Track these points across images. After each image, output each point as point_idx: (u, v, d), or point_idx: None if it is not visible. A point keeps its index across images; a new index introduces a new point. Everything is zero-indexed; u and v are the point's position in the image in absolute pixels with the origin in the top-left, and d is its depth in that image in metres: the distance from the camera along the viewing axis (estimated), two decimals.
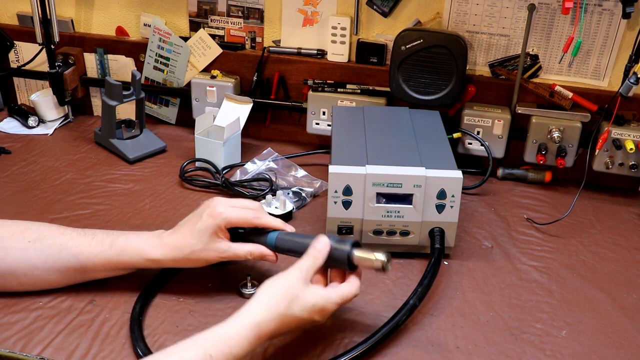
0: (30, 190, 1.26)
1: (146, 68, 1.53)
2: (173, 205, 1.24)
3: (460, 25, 1.35)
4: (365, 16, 1.39)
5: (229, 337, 0.77)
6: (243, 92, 1.50)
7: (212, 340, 0.76)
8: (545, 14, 1.30)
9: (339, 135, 1.18)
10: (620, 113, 1.28)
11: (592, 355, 0.91)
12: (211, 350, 0.75)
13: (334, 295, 0.85)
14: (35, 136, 1.50)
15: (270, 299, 0.81)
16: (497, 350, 0.91)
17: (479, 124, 1.36)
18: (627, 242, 1.19)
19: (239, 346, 0.77)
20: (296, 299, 0.82)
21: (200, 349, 0.75)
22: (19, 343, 0.88)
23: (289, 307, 0.81)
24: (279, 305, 0.81)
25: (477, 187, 1.34)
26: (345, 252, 0.87)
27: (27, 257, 0.92)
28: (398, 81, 1.34)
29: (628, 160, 1.29)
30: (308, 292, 0.83)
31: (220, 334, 0.77)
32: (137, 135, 1.45)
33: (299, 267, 0.85)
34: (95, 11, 1.53)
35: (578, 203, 1.28)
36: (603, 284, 1.06)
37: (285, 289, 0.83)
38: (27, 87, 1.63)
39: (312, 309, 0.83)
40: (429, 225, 1.07)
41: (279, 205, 1.18)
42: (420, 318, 0.96)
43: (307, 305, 0.82)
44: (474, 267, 1.09)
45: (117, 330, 0.91)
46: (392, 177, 1.03)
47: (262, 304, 0.81)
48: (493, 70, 1.38)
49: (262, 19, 1.45)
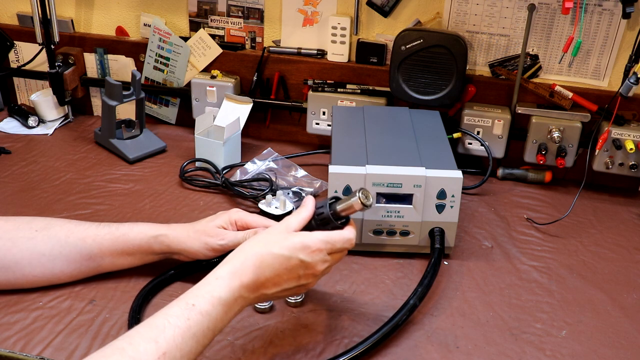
0: (30, 190, 1.26)
1: (146, 68, 1.53)
2: (173, 205, 1.24)
3: (460, 25, 1.35)
4: (365, 16, 1.39)
5: (207, 283, 0.77)
6: (243, 92, 1.50)
7: (192, 292, 0.76)
8: (545, 14, 1.30)
9: (339, 135, 1.18)
10: (620, 113, 1.28)
11: (592, 355, 0.91)
12: (192, 299, 0.75)
13: (319, 234, 0.83)
14: (35, 136, 1.50)
15: (246, 244, 0.82)
16: (497, 350, 0.91)
17: (479, 124, 1.36)
18: (627, 242, 1.19)
19: (218, 288, 0.76)
20: (275, 241, 0.81)
21: (181, 302, 0.74)
22: (19, 343, 0.88)
23: (265, 246, 0.81)
24: (254, 246, 0.81)
25: (477, 187, 1.34)
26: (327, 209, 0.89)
27: (34, 245, 0.93)
28: (398, 81, 1.34)
29: (628, 160, 1.29)
30: (288, 235, 0.83)
31: (199, 284, 0.77)
32: (137, 135, 1.45)
33: (283, 220, 0.86)
34: (95, 11, 1.53)
35: (578, 203, 1.28)
36: (603, 284, 1.07)
37: (263, 234, 0.83)
38: (27, 87, 1.63)
39: (292, 246, 0.81)
40: (429, 225, 1.07)
41: (279, 205, 1.18)
42: (420, 318, 0.96)
43: (286, 243, 0.81)
44: (474, 267, 1.09)
45: (117, 330, 0.91)
46: (392, 177, 1.03)
47: (237, 250, 0.81)
48: (493, 70, 1.38)
49: (262, 19, 1.45)
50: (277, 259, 0.80)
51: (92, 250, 0.95)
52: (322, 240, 0.83)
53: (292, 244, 0.81)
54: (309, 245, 0.82)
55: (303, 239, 0.82)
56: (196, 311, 0.73)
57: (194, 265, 1.01)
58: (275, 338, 0.91)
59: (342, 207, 0.89)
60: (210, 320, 0.74)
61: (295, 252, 0.81)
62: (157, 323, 0.72)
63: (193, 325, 0.72)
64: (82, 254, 0.95)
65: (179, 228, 0.97)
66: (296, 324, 0.94)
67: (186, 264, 1.01)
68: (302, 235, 0.83)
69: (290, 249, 0.81)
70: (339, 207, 0.89)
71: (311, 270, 0.83)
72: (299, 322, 0.94)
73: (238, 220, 0.98)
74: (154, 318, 0.73)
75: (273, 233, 0.84)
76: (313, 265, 0.82)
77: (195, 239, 0.95)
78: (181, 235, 0.96)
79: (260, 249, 0.80)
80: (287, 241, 0.81)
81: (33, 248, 0.93)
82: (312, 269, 0.83)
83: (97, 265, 0.97)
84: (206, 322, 0.74)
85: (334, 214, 0.88)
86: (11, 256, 0.92)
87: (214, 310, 0.75)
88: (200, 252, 0.96)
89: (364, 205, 0.87)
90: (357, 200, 0.87)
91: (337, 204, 0.89)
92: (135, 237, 0.96)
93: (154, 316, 0.73)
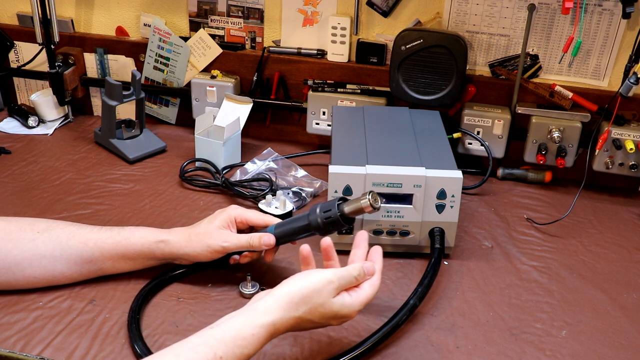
0: (30, 190, 1.26)
1: (146, 68, 1.53)
2: (173, 205, 1.24)
3: (460, 25, 1.35)
4: (365, 16, 1.39)
5: (242, 337, 0.74)
6: (243, 92, 1.50)
7: (224, 341, 0.73)
8: (545, 14, 1.30)
9: (339, 135, 1.18)
10: (620, 113, 1.28)
11: (592, 355, 0.91)
12: (222, 351, 0.72)
13: (358, 305, 0.81)
14: (35, 136, 1.50)
15: (293, 297, 0.78)
16: (497, 350, 0.91)
17: (479, 124, 1.36)
18: (627, 242, 1.19)
19: (250, 346, 0.74)
20: (320, 307, 0.78)
21: (209, 350, 0.72)
22: (19, 343, 0.88)
23: (309, 312, 0.78)
24: (299, 308, 0.78)
25: (477, 187, 1.34)
26: (335, 211, 0.89)
27: (35, 247, 0.93)
28: (398, 81, 1.33)
29: (628, 160, 1.29)
30: (334, 302, 0.79)
31: (232, 333, 0.74)
32: (137, 135, 1.45)
33: (336, 274, 0.81)
34: (95, 11, 1.53)
35: (578, 203, 1.28)
36: (603, 284, 1.06)
37: (312, 293, 0.78)
38: (27, 87, 1.63)
39: (332, 316, 0.80)
40: (429, 225, 1.07)
41: (279, 205, 1.18)
42: (420, 318, 0.96)
43: (328, 314, 0.79)
44: (474, 267, 1.09)
45: (117, 330, 0.91)
46: (392, 177, 1.03)
47: (282, 302, 0.77)
48: (493, 70, 1.38)
49: (262, 19, 1.45)
50: (312, 324, 0.80)
51: (93, 253, 0.95)
52: (359, 309, 0.82)
53: (333, 315, 0.80)
54: (346, 315, 0.81)
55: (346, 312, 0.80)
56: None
57: (193, 266, 1.01)
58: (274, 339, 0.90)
59: (351, 209, 0.89)
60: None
61: (331, 320, 0.81)
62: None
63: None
64: (83, 257, 0.95)
65: (180, 233, 0.97)
66: None
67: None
68: (345, 307, 0.80)
69: (329, 318, 0.80)
70: (347, 209, 0.89)
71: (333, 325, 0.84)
72: None
73: (237, 217, 0.98)
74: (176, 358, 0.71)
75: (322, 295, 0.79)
76: (340, 324, 0.84)
77: (197, 242, 0.95)
78: (182, 240, 0.96)
79: (303, 314, 0.78)
80: (331, 310, 0.79)
81: (34, 249, 0.93)
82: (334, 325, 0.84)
83: (98, 268, 0.97)
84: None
85: (342, 216, 0.89)
86: (12, 257, 0.92)
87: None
88: (202, 255, 0.95)
89: (373, 207, 0.88)
90: (367, 202, 0.87)
91: (344, 206, 0.89)
92: (136, 242, 0.96)
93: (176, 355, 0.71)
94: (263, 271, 1.05)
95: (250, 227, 1.00)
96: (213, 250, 0.95)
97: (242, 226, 0.99)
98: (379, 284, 0.85)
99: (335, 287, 0.80)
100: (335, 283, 0.80)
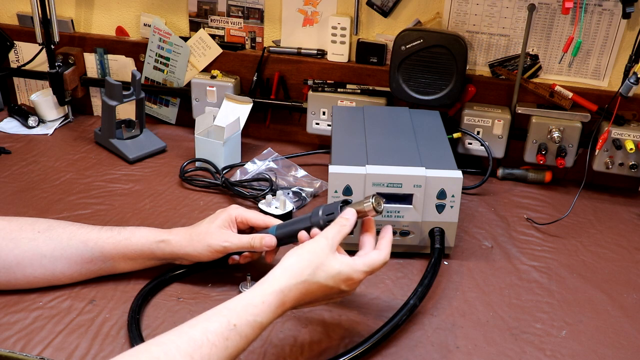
0: (30, 190, 1.26)
1: (146, 68, 1.53)
2: (173, 205, 1.24)
3: (460, 25, 1.35)
4: (365, 16, 1.39)
5: (253, 305, 0.76)
6: (243, 92, 1.50)
7: (235, 310, 0.75)
8: (545, 14, 1.30)
9: (339, 135, 1.18)
10: (620, 113, 1.28)
11: (592, 355, 0.91)
12: (235, 319, 0.74)
13: (361, 264, 0.84)
14: (35, 136, 1.50)
15: (294, 265, 0.80)
16: (497, 350, 0.91)
17: (479, 124, 1.36)
18: (627, 242, 1.19)
19: (262, 313, 0.76)
20: (321, 265, 0.81)
21: (223, 319, 0.73)
22: (19, 343, 0.88)
23: (313, 274, 0.80)
24: (303, 271, 0.80)
25: (477, 187, 1.34)
26: (337, 213, 0.89)
27: (36, 246, 0.93)
28: (398, 81, 1.34)
29: (628, 160, 1.29)
30: (334, 260, 0.82)
31: (244, 302, 0.76)
32: (137, 135, 1.45)
33: (325, 234, 0.85)
34: (95, 11, 1.53)
35: (578, 203, 1.28)
36: (603, 284, 1.07)
37: (310, 255, 0.82)
38: (27, 87, 1.63)
39: (337, 276, 0.82)
40: (429, 225, 1.07)
41: (279, 205, 1.18)
42: (420, 318, 0.96)
43: (332, 273, 0.81)
44: (474, 267, 1.09)
45: (117, 330, 0.91)
46: (392, 177, 1.03)
47: (286, 270, 0.80)
48: (493, 70, 1.38)
49: (262, 19, 1.45)
50: (321, 288, 0.82)
51: (94, 253, 0.95)
52: (366, 271, 0.84)
53: (337, 274, 0.82)
54: (353, 277, 0.83)
55: (349, 272, 0.82)
56: (236, 332, 0.73)
57: (193, 266, 1.01)
58: (274, 338, 0.91)
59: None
60: (247, 343, 0.75)
61: (339, 282, 0.82)
62: (195, 337, 0.71)
63: (230, 346, 0.72)
64: (83, 256, 0.95)
65: (181, 233, 0.97)
66: (296, 324, 0.94)
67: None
68: (347, 265, 0.83)
69: (336, 279, 0.82)
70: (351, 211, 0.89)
71: (345, 294, 0.85)
72: (299, 322, 0.94)
73: (238, 217, 0.98)
74: (191, 329, 0.72)
75: (318, 251, 0.82)
76: (349, 292, 0.85)
77: (198, 241, 0.95)
78: (183, 240, 0.96)
79: (309, 277, 0.80)
80: (332, 269, 0.81)
81: (35, 249, 0.93)
82: (347, 293, 0.85)
83: (99, 268, 0.97)
84: (243, 344, 0.74)
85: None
86: (13, 257, 0.93)
87: (252, 333, 0.75)
88: (203, 254, 0.95)
89: (377, 211, 0.88)
90: (370, 206, 0.88)
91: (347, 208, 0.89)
92: (137, 242, 0.96)
93: (191, 326, 0.73)
94: (263, 271, 1.03)
95: (250, 227, 1.00)
96: (214, 250, 0.95)
97: (242, 226, 0.99)
98: (386, 253, 0.87)
99: (330, 244, 0.83)
100: (329, 240, 0.84)
